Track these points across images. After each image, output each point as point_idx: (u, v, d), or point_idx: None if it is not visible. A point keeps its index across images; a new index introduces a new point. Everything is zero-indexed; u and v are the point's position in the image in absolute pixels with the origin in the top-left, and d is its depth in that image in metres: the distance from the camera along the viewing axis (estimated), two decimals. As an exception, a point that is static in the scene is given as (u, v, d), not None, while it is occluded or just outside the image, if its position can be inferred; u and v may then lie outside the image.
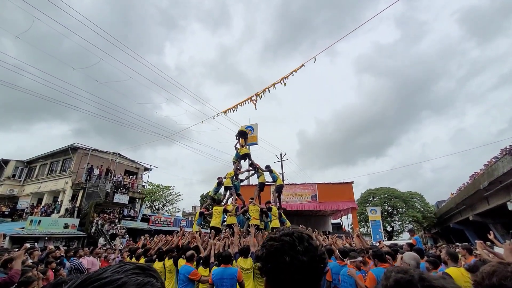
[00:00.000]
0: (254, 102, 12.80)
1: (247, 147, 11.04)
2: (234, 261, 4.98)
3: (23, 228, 14.58)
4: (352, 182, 19.64)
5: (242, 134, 11.14)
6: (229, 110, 14.02)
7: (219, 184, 9.78)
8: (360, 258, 4.37)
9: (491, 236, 4.15)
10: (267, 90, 12.33)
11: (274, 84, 11.99)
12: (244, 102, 13.20)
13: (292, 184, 20.15)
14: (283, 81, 11.57)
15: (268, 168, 9.97)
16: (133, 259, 6.64)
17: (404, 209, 35.58)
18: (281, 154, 26.52)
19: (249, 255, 4.92)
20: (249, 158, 10.39)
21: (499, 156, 17.02)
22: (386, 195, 37.16)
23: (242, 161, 10.71)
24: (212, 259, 5.14)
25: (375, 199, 37.65)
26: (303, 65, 11.01)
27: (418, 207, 36.02)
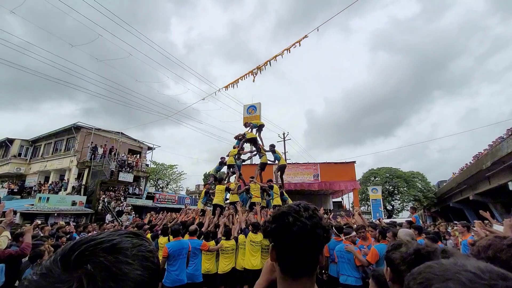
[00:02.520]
0: (254, 75, 12.51)
1: (251, 130, 10.95)
2: (244, 235, 5.46)
3: (32, 205, 15.03)
4: (354, 162, 19.70)
5: (249, 141, 10.64)
6: (230, 85, 13.77)
7: (221, 164, 9.87)
8: (354, 233, 4.48)
9: (486, 214, 4.17)
10: (268, 63, 12.01)
11: (275, 56, 11.66)
12: (245, 76, 12.91)
13: (294, 163, 20.28)
14: (285, 53, 11.25)
15: (272, 147, 9.94)
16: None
17: (405, 189, 35.98)
18: (283, 134, 26.49)
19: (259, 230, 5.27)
20: (255, 143, 10.31)
21: (504, 137, 16.81)
22: (388, 175, 37.44)
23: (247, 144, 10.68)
24: (219, 235, 5.60)
25: (376, 179, 37.99)
26: (306, 36, 10.64)
27: (420, 186, 36.36)
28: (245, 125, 11.20)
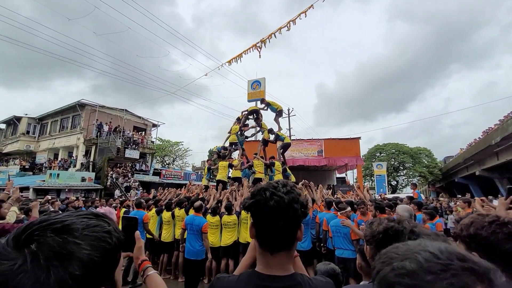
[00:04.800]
0: (259, 49, 12.03)
1: (254, 103, 10.69)
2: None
3: (43, 180, 15.56)
4: (359, 138, 19.51)
5: (252, 113, 10.31)
6: (234, 60, 13.36)
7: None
8: (349, 208, 4.51)
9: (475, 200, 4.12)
10: (273, 35, 11.49)
11: (280, 29, 11.12)
12: (248, 50, 12.45)
13: (298, 139, 20.20)
14: (289, 26, 10.70)
15: (271, 132, 9.66)
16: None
17: (411, 165, 35.88)
18: (288, 110, 26.12)
19: None
20: (257, 115, 10.08)
21: (517, 111, 16.26)
22: (394, 150, 37.19)
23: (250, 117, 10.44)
24: (222, 209, 5.66)
25: (382, 155, 37.85)
26: (312, 6, 10.04)
27: (425, 162, 36.19)
28: (262, 101, 10.80)
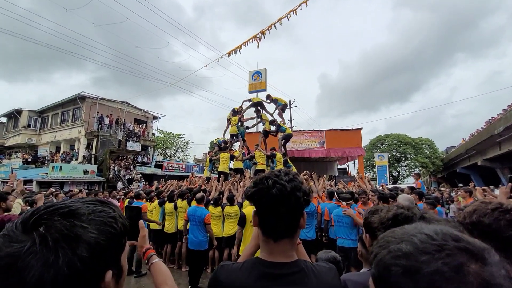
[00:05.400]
0: (258, 40, 11.89)
1: (255, 94, 10.60)
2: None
3: (46, 173, 15.67)
4: (361, 129, 19.40)
5: (256, 105, 10.25)
6: (233, 51, 13.21)
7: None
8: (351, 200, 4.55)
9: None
10: (273, 26, 11.32)
11: (280, 19, 10.96)
12: (248, 42, 12.31)
13: (300, 131, 20.13)
14: (289, 16, 10.51)
15: (273, 124, 9.59)
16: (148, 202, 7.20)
17: (413, 155, 35.80)
18: (290, 101, 26.00)
19: None
20: (261, 107, 9.97)
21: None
22: (395, 141, 37.05)
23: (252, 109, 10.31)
24: (224, 200, 5.74)
25: (384, 145, 37.75)
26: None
27: (427, 153, 36.09)
28: (268, 97, 10.68)
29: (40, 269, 0.42)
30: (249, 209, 4.36)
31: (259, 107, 10.15)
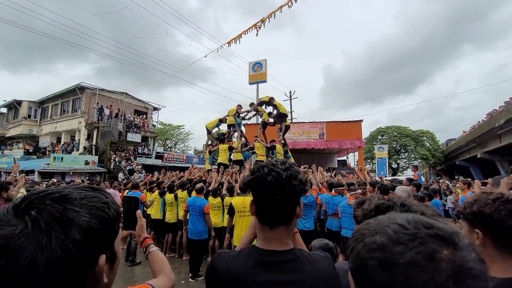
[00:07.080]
0: (258, 28, 11.70)
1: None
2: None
3: (48, 164, 15.76)
4: (361, 121, 19.35)
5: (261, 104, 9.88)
6: (233, 41, 13.04)
7: (220, 121, 9.80)
8: (359, 191, 4.60)
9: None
10: (273, 14, 11.14)
11: (281, 7, 10.76)
12: (248, 30, 12.12)
13: (300, 122, 20.08)
14: (290, 3, 10.31)
15: (270, 115, 9.45)
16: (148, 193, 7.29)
17: (413, 147, 35.80)
18: (290, 92, 25.87)
19: None
20: (269, 105, 9.67)
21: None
22: (396, 133, 36.99)
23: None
24: (224, 191, 5.82)
25: (384, 137, 37.70)
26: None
27: (428, 145, 36.07)
28: (270, 101, 10.26)
29: (33, 251, 0.43)
30: (236, 199, 4.44)
31: (265, 105, 9.98)
